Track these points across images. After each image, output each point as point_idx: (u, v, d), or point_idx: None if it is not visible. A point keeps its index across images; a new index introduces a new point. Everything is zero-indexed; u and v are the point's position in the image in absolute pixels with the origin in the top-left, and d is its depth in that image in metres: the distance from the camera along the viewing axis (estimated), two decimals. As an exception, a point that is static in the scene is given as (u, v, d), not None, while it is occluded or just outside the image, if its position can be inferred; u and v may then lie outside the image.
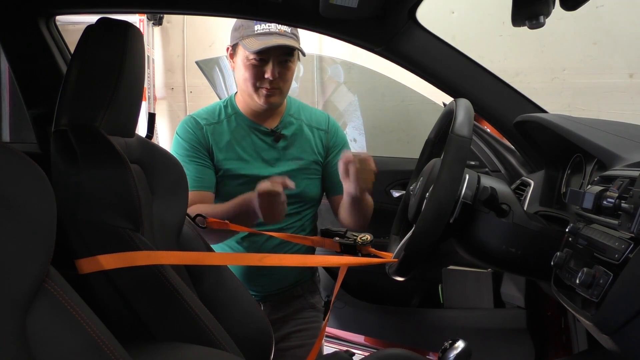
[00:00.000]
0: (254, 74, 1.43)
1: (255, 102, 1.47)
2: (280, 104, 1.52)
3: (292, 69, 1.46)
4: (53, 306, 0.63)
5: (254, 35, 1.40)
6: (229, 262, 1.30)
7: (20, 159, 0.63)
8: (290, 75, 1.47)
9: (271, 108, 1.50)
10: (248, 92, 1.47)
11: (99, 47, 0.99)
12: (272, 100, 1.46)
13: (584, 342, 1.25)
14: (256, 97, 1.46)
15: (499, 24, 2.79)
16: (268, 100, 1.45)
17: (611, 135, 1.04)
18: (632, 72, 2.88)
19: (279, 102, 1.50)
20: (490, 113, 1.45)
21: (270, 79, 1.41)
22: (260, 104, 1.46)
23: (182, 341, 0.97)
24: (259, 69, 1.42)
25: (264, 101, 1.45)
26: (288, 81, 1.47)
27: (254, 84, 1.44)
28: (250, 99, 1.48)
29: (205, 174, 1.46)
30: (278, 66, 1.42)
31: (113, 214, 0.94)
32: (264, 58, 1.41)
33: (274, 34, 1.40)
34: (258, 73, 1.42)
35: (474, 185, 1.04)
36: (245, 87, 1.46)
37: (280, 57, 1.42)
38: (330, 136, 1.60)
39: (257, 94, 1.45)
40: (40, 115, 1.41)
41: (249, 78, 1.43)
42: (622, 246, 0.72)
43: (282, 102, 1.52)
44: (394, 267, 1.07)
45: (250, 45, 1.39)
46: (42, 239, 0.62)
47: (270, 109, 1.51)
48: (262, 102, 1.46)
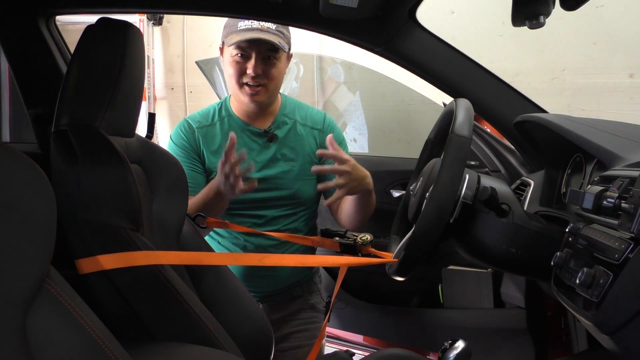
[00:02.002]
0: (236, 69, 1.43)
1: (241, 100, 1.47)
2: (267, 103, 1.50)
3: (277, 66, 1.44)
4: (53, 306, 0.63)
5: (236, 32, 1.40)
6: (229, 262, 1.30)
7: (20, 159, 0.63)
8: (275, 73, 1.44)
9: (260, 107, 1.49)
10: (233, 90, 1.47)
11: (99, 47, 0.99)
12: (257, 99, 1.45)
13: (584, 342, 1.25)
14: (241, 95, 1.45)
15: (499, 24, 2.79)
16: (253, 99, 1.44)
17: (611, 135, 1.04)
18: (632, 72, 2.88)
19: (266, 100, 1.47)
20: (490, 113, 1.45)
21: (252, 75, 1.41)
22: (246, 102, 1.46)
23: (182, 341, 0.97)
24: (242, 65, 1.42)
25: (248, 99, 1.45)
26: (274, 79, 1.45)
27: (238, 80, 1.43)
28: (238, 97, 1.48)
29: (194, 179, 1.46)
30: (261, 62, 1.41)
31: (113, 214, 0.94)
32: (246, 54, 1.41)
33: (255, 30, 1.40)
34: (241, 69, 1.42)
35: (474, 185, 1.04)
36: (231, 84, 1.46)
37: (264, 53, 1.41)
38: (325, 135, 1.58)
39: (241, 91, 1.45)
40: (40, 115, 1.41)
41: (233, 74, 1.43)
42: (622, 246, 0.72)
43: (268, 100, 1.49)
44: (394, 267, 1.07)
45: (230, 41, 1.40)
46: (42, 239, 0.62)
47: (260, 109, 1.50)
48: (248, 101, 1.45)
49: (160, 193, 1.14)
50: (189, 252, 1.16)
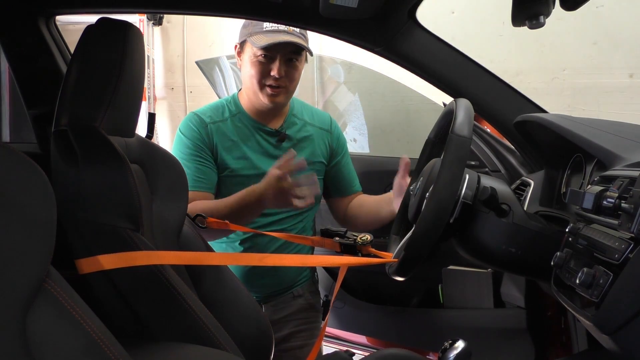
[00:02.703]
0: (260, 70, 1.42)
1: (260, 100, 1.46)
2: (285, 104, 1.52)
3: (299, 68, 1.46)
4: (53, 306, 0.63)
5: (262, 32, 1.40)
6: (229, 262, 1.30)
7: (20, 159, 0.63)
8: (297, 75, 1.46)
9: (276, 107, 1.49)
10: (253, 90, 1.46)
11: (99, 47, 0.99)
12: (277, 100, 1.45)
13: (584, 342, 1.25)
14: (261, 95, 1.45)
15: (499, 24, 2.79)
16: (273, 100, 1.45)
17: (611, 135, 1.04)
18: (632, 72, 2.88)
19: (284, 101, 1.49)
20: (490, 113, 1.45)
21: (276, 77, 1.41)
22: (266, 102, 1.46)
23: (182, 341, 0.97)
24: (266, 66, 1.42)
25: (269, 100, 1.45)
26: (294, 80, 1.46)
27: (260, 81, 1.43)
28: (255, 97, 1.47)
29: (205, 175, 1.45)
30: (285, 64, 1.42)
31: (113, 214, 0.94)
32: (270, 55, 1.41)
33: (282, 32, 1.40)
34: (264, 70, 1.42)
35: (474, 185, 1.04)
36: (251, 84, 1.45)
37: (287, 55, 1.41)
38: (334, 137, 1.60)
39: (262, 92, 1.44)
40: (40, 115, 1.41)
41: (255, 75, 1.43)
42: (622, 246, 0.72)
43: (287, 102, 1.51)
44: (394, 267, 1.07)
45: (257, 41, 1.39)
46: (42, 239, 0.62)
47: (275, 109, 1.50)
48: (267, 101, 1.45)
49: (161, 193, 1.14)
50: (189, 252, 1.16)
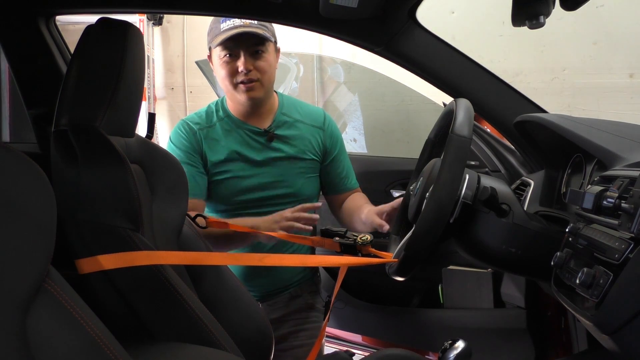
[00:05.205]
0: (228, 70, 1.43)
1: (238, 99, 1.47)
2: (264, 98, 1.49)
3: (266, 58, 1.44)
4: (53, 306, 0.63)
5: (220, 33, 1.41)
6: (229, 262, 1.30)
7: (20, 159, 0.63)
8: (265, 66, 1.44)
9: (256, 104, 1.48)
10: (229, 91, 1.47)
11: (99, 47, 0.99)
12: (254, 95, 1.45)
13: (584, 342, 1.25)
14: (237, 94, 1.45)
15: (499, 24, 2.79)
16: (249, 95, 1.44)
17: (611, 135, 1.04)
18: (632, 72, 2.88)
19: (262, 95, 1.47)
20: (490, 113, 1.45)
21: (244, 71, 1.41)
22: (243, 99, 1.45)
23: (182, 341, 0.97)
24: (232, 65, 1.42)
25: (245, 96, 1.44)
26: (266, 72, 1.45)
27: (231, 80, 1.44)
28: (234, 97, 1.48)
29: (197, 181, 1.45)
30: (250, 57, 1.42)
31: (113, 214, 0.94)
32: (234, 53, 1.42)
33: (238, 27, 1.40)
34: (232, 69, 1.43)
35: (474, 185, 1.04)
36: (225, 86, 1.46)
37: (251, 48, 1.42)
38: (327, 134, 1.58)
39: (236, 90, 1.45)
40: (40, 115, 1.41)
41: (226, 75, 1.44)
42: (622, 246, 0.72)
43: (265, 95, 1.49)
44: (394, 267, 1.07)
45: (215, 42, 1.41)
46: (42, 239, 0.62)
47: (256, 105, 1.49)
48: (244, 98, 1.45)
49: (161, 193, 1.14)
50: (189, 252, 1.16)
